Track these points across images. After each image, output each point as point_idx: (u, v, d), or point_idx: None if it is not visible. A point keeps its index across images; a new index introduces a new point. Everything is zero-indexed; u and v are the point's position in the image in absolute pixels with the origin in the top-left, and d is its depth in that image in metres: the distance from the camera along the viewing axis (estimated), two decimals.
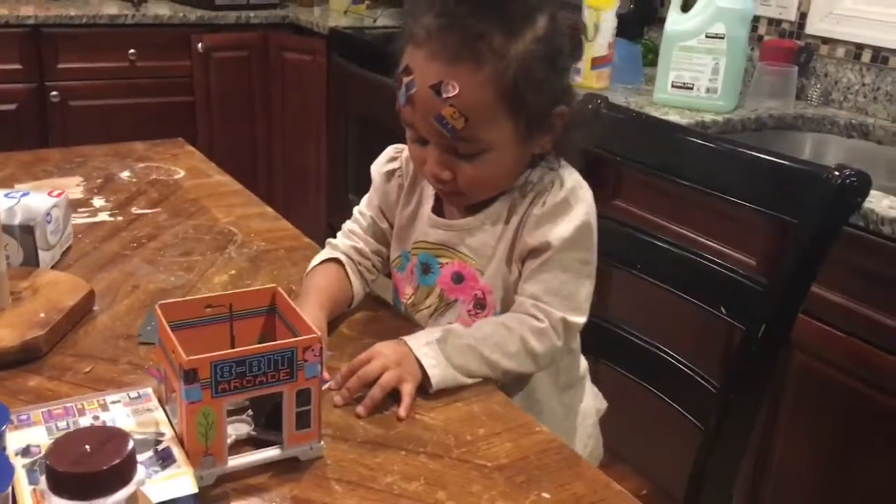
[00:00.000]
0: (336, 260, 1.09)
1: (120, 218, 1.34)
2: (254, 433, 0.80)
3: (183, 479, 0.69)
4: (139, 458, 0.69)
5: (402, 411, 0.86)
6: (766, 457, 1.61)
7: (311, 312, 0.95)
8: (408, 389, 0.88)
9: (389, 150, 1.13)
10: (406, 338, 0.93)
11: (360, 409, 0.86)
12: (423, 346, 0.92)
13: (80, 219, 1.31)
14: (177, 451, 0.72)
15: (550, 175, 0.99)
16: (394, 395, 0.88)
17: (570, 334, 0.98)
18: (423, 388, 0.91)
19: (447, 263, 1.03)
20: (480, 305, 1.02)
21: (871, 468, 1.45)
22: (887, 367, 1.39)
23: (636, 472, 1.76)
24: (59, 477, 0.51)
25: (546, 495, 0.75)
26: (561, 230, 0.96)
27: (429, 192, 1.07)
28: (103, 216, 1.34)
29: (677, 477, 1.18)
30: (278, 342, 0.74)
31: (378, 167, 1.13)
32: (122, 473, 0.53)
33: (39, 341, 0.93)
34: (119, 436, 0.55)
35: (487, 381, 0.94)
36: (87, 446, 0.53)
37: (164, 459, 0.71)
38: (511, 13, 0.92)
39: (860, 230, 1.40)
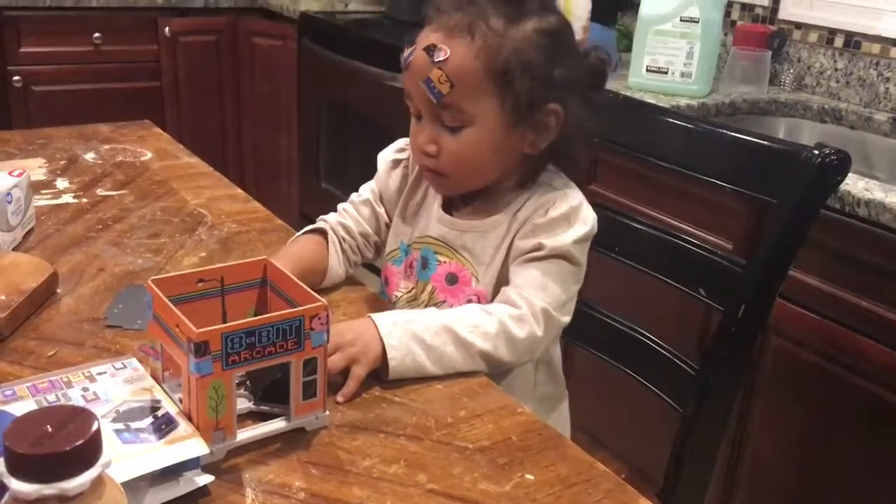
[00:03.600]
0: (321, 231, 1.08)
1: (84, 200, 1.30)
2: (254, 407, 0.79)
3: (192, 442, 0.68)
4: (139, 424, 0.70)
5: (339, 396, 0.82)
6: (741, 440, 1.61)
7: None
8: (356, 373, 0.84)
9: (400, 141, 1.13)
10: (374, 315, 0.90)
11: None
12: (390, 325, 0.88)
13: (42, 200, 1.27)
14: (181, 420, 0.71)
15: (556, 193, 0.99)
16: (372, 375, 0.86)
17: (550, 326, 0.95)
18: (380, 374, 0.86)
19: (444, 262, 1.02)
20: None
21: (846, 451, 1.46)
22: (863, 350, 1.40)
23: (614, 457, 1.75)
24: (18, 459, 0.48)
25: (530, 476, 0.73)
26: (556, 240, 0.96)
27: None
28: (67, 198, 1.30)
29: (656, 460, 1.18)
30: (286, 311, 0.73)
31: (384, 155, 1.13)
32: (86, 455, 0.49)
33: (0, 324, 0.90)
34: (83, 415, 0.51)
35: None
36: (49, 426, 0.50)
37: (167, 424, 0.71)
38: (519, 4, 0.95)
39: (836, 213, 1.40)
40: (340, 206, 1.14)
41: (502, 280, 0.99)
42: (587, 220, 0.98)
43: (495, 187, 1.01)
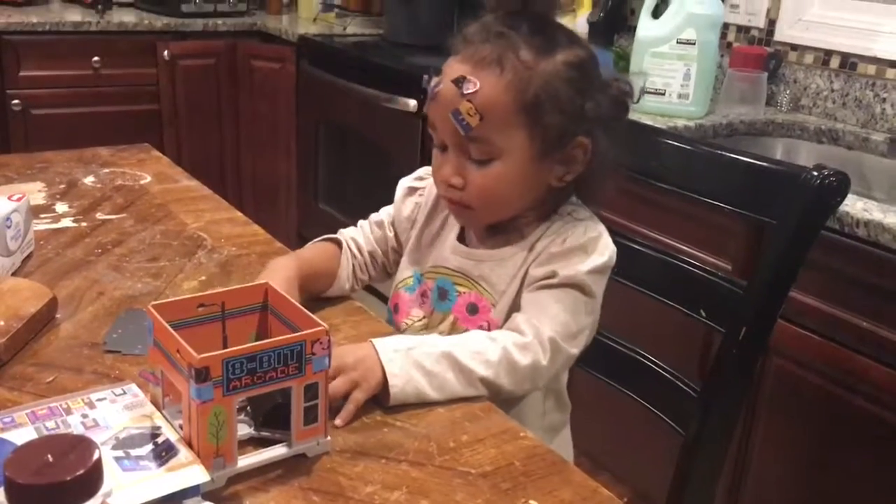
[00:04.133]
0: (336, 241, 1.11)
1: (84, 224, 1.30)
2: (255, 433, 0.78)
3: (192, 469, 0.68)
4: (139, 451, 0.70)
5: (338, 420, 0.82)
6: (743, 461, 1.60)
7: (280, 278, 0.96)
8: (355, 397, 0.83)
9: (421, 170, 1.14)
10: (375, 340, 0.89)
11: None
12: (391, 351, 0.87)
13: (41, 225, 1.27)
14: (182, 447, 0.71)
15: (575, 223, 0.99)
16: (372, 399, 0.85)
17: (557, 356, 0.94)
18: (380, 400, 0.86)
19: (464, 293, 1.02)
20: None
21: (848, 472, 1.45)
22: (863, 371, 1.39)
23: (616, 480, 1.75)
24: (19, 489, 0.48)
25: (533, 502, 0.73)
26: (571, 269, 0.95)
27: (454, 220, 1.06)
28: (66, 222, 1.30)
29: (658, 483, 1.17)
30: (287, 336, 0.72)
31: (404, 181, 1.14)
32: (87, 484, 0.49)
33: None
34: (84, 444, 0.51)
35: None
36: (50, 455, 0.49)
37: (167, 451, 0.70)
38: (548, 36, 0.94)
39: (835, 233, 1.40)
40: (360, 222, 1.16)
41: (515, 309, 0.98)
42: (605, 251, 0.97)
43: (518, 219, 1.01)
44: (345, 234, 1.13)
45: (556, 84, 0.93)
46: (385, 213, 1.14)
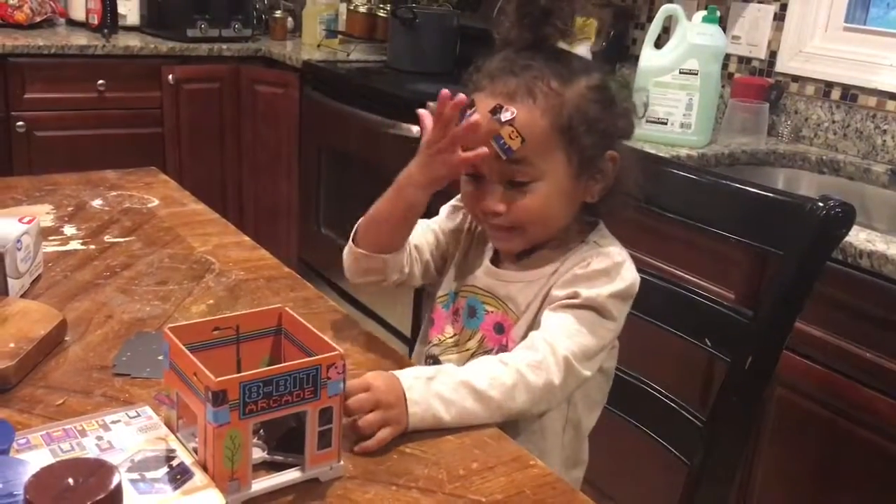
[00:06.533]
0: None
1: (92, 246, 1.30)
2: (268, 457, 0.78)
3: (208, 493, 0.68)
4: (154, 474, 0.70)
5: (356, 447, 0.82)
6: (745, 491, 1.59)
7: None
8: (383, 434, 0.84)
9: (456, 199, 1.16)
10: (398, 372, 0.90)
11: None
12: (412, 378, 0.89)
13: (50, 247, 1.27)
14: (197, 470, 0.71)
15: (600, 249, 1.02)
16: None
17: (570, 377, 0.95)
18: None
19: (491, 312, 1.05)
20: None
21: (850, 502, 1.44)
22: (867, 402, 1.39)
23: None
24: None
25: None
26: (593, 291, 0.97)
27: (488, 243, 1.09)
28: (74, 244, 1.30)
29: None
30: (303, 360, 0.73)
31: (450, 202, 1.16)
32: None
33: (8, 372, 0.89)
34: (104, 469, 0.51)
35: None
36: (71, 479, 0.49)
37: (182, 474, 0.70)
38: (566, 65, 0.99)
39: (838, 263, 1.41)
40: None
41: (534, 328, 1.00)
42: (626, 278, 1.00)
43: (548, 243, 1.04)
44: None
45: (585, 107, 0.98)
46: (434, 220, 1.15)
